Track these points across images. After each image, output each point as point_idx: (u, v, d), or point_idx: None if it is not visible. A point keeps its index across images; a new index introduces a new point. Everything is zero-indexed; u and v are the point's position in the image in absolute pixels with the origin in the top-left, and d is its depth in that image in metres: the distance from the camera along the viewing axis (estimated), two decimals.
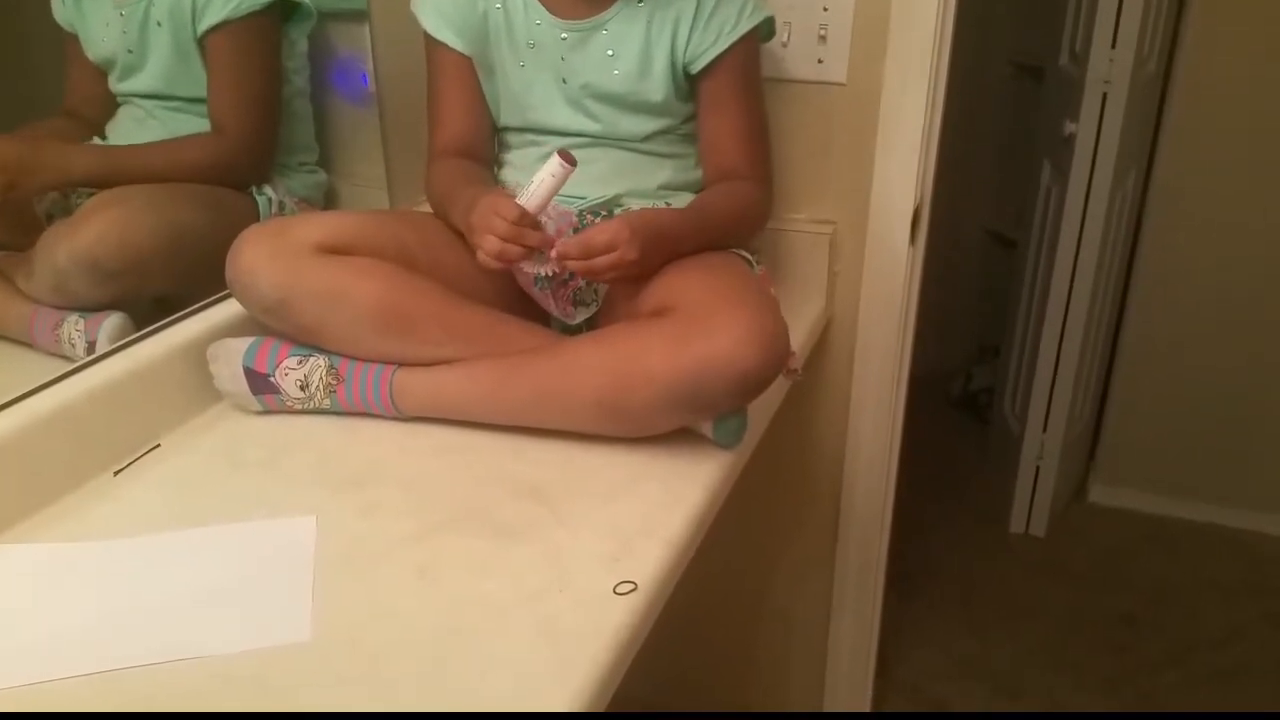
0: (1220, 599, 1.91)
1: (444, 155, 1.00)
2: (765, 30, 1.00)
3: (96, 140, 1.08)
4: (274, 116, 1.13)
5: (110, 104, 1.07)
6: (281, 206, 1.13)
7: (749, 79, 0.99)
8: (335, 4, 1.21)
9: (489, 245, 0.82)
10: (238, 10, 1.04)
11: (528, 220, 0.82)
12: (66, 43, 1.03)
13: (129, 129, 1.08)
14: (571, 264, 0.84)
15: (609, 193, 0.98)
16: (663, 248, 0.87)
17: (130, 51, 1.03)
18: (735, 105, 0.98)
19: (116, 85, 1.06)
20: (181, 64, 1.05)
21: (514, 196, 0.84)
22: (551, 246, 0.83)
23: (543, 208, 0.83)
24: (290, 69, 1.15)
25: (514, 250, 0.82)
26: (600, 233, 0.83)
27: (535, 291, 0.99)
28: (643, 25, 0.94)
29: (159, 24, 1.03)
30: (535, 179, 0.82)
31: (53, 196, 1.00)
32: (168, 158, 1.06)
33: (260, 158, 1.13)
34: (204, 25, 1.03)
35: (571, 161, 0.81)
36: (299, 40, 1.15)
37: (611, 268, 0.83)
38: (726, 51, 0.95)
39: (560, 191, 0.94)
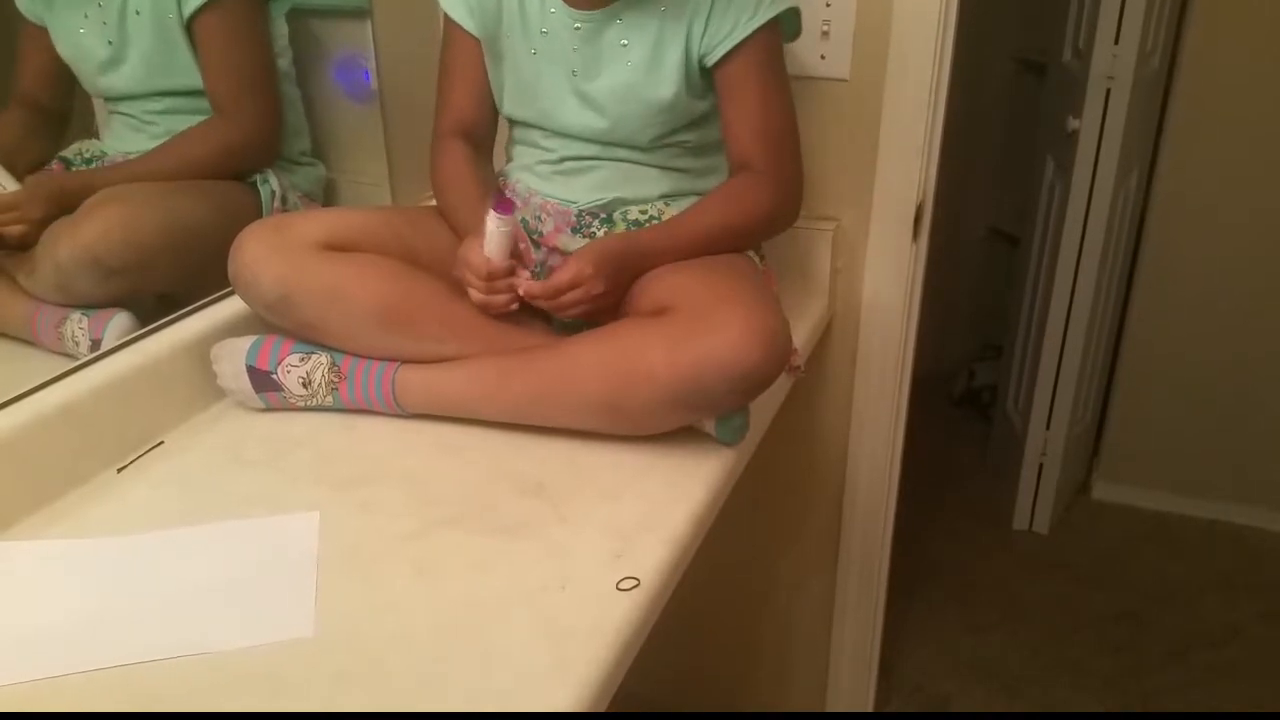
0: (1221, 596, 1.91)
1: (448, 136, 1.00)
2: (790, 27, 0.97)
3: (93, 142, 1.08)
4: (274, 93, 1.12)
5: (68, 93, 1.05)
6: (284, 200, 1.13)
7: (767, 71, 0.95)
8: (337, 1, 1.21)
9: (473, 299, 0.86)
10: None
11: (497, 274, 0.85)
12: (26, 32, 1.01)
13: (126, 136, 1.07)
14: (540, 304, 0.86)
15: (608, 196, 0.97)
16: (635, 269, 0.88)
17: (110, 43, 1.02)
18: (751, 96, 0.94)
19: (97, 83, 1.05)
20: (166, 53, 1.04)
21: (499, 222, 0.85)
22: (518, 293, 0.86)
23: (505, 255, 0.85)
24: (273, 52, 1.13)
25: (496, 301, 0.86)
26: (564, 272, 0.85)
27: None
28: (656, 16, 0.92)
29: (138, 13, 1.01)
30: (486, 232, 0.84)
31: None
32: (179, 156, 1.05)
33: (267, 136, 1.12)
34: (190, 8, 1.02)
35: (507, 210, 0.83)
36: (278, 20, 1.14)
37: (577, 304, 0.86)
38: (743, 42, 0.92)
39: (556, 195, 0.98)
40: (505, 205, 0.83)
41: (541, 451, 0.84)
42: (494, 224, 0.83)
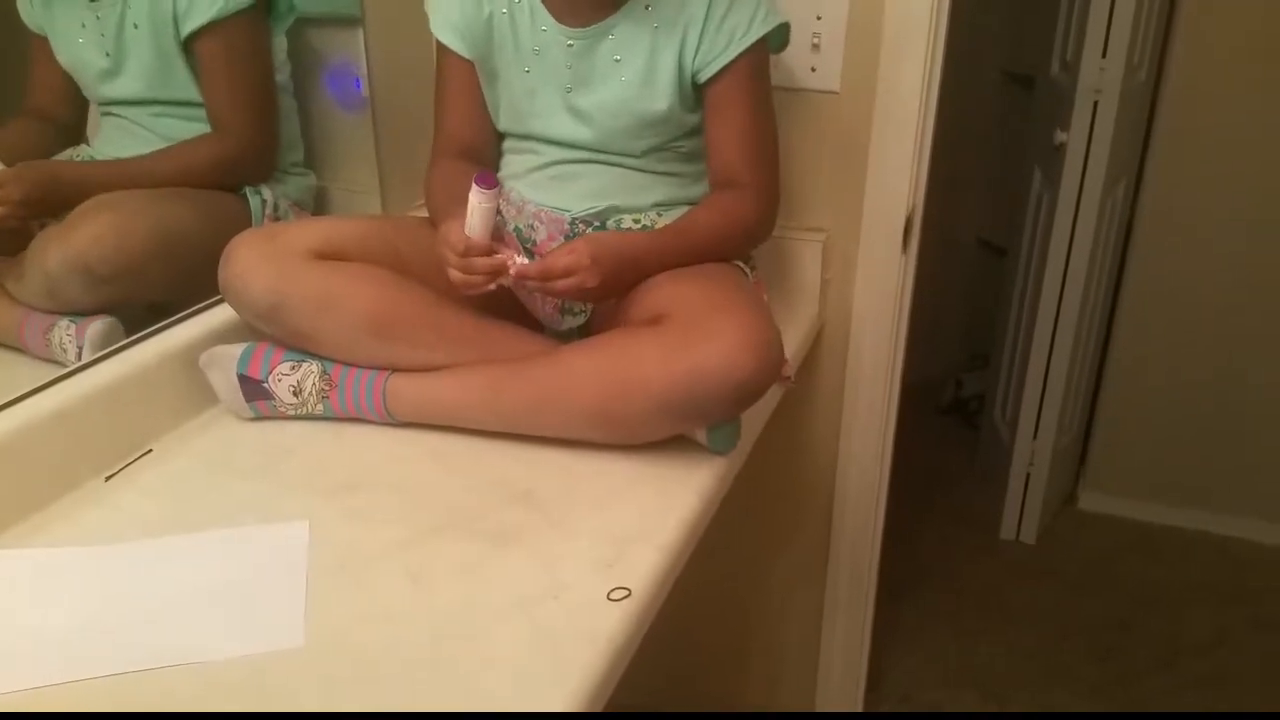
0: (1207, 604, 1.92)
1: (444, 156, 1.00)
2: (777, 40, 0.98)
3: (84, 148, 1.07)
4: (274, 111, 1.12)
5: (80, 104, 1.05)
6: (275, 208, 1.13)
7: (755, 85, 0.96)
8: (328, 9, 1.21)
9: (452, 278, 0.84)
10: (224, 10, 1.02)
11: (475, 250, 0.83)
12: (33, 43, 1.01)
13: (117, 139, 1.06)
14: (531, 284, 0.85)
15: (601, 204, 0.98)
16: (629, 273, 0.88)
17: (108, 55, 1.02)
18: (738, 110, 0.95)
19: (97, 91, 1.04)
20: (164, 67, 1.04)
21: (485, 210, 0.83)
22: (505, 269, 0.83)
23: (486, 233, 0.83)
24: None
25: (475, 280, 0.83)
26: (561, 257, 0.83)
27: (525, 296, 0.98)
28: (649, 31, 0.93)
29: (136, 26, 1.01)
30: (469, 208, 0.82)
31: None
32: (179, 163, 1.05)
33: (266, 153, 1.12)
34: (188, 28, 1.02)
35: (489, 184, 0.81)
36: (278, 36, 1.14)
37: (568, 292, 0.85)
38: (736, 59, 0.93)
39: (549, 204, 0.97)
40: (487, 179, 0.81)
41: (533, 459, 0.84)
42: (476, 198, 0.81)
